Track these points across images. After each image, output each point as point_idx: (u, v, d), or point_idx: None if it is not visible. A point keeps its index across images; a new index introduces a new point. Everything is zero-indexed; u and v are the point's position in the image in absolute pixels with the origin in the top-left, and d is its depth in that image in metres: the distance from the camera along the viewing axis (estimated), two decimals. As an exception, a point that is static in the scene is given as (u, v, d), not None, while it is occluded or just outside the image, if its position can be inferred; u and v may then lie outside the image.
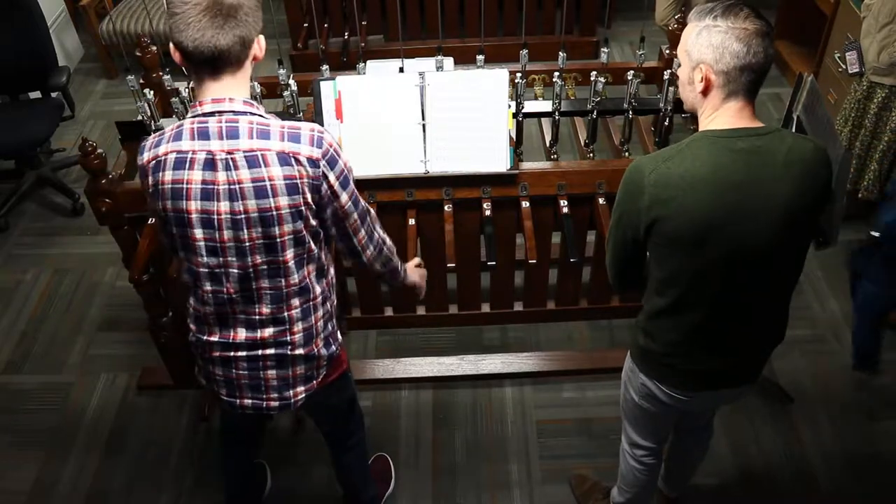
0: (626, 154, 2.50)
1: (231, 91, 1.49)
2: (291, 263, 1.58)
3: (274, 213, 1.50)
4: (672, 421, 1.97)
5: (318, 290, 1.67)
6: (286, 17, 4.41)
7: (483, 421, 2.65)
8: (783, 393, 2.65)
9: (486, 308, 2.77)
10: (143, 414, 2.72)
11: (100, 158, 2.16)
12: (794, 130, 2.02)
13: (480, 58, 2.34)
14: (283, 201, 1.49)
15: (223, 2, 1.40)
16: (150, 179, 1.52)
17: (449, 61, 2.46)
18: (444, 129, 2.21)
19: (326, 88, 2.17)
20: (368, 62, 2.57)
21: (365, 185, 2.27)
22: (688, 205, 1.45)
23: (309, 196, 1.51)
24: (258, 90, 2.36)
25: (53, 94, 3.51)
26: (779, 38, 4.28)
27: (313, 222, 1.56)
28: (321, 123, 2.18)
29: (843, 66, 3.16)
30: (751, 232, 1.46)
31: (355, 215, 1.64)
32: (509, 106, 2.23)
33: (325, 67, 2.36)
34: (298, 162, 1.48)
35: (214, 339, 1.67)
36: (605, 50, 2.43)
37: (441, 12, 3.63)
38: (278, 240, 1.53)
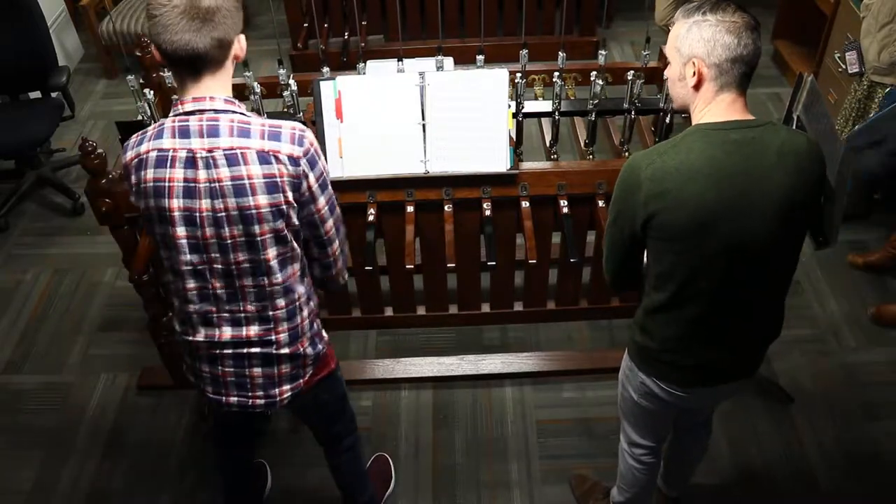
0: (626, 154, 2.50)
1: (212, 90, 1.49)
2: (274, 263, 1.57)
3: (253, 211, 1.50)
4: (671, 419, 1.98)
5: (301, 289, 1.67)
6: (286, 17, 4.41)
7: (483, 421, 2.64)
8: (783, 393, 2.65)
9: (486, 308, 2.77)
10: (143, 414, 2.72)
11: (100, 158, 2.16)
12: (793, 130, 2.01)
13: (480, 58, 2.34)
14: (263, 200, 1.49)
15: (200, 5, 1.39)
16: (133, 178, 1.53)
17: (449, 61, 2.46)
18: (444, 129, 2.21)
19: (326, 88, 2.17)
20: (368, 62, 2.57)
21: (365, 185, 2.27)
22: (683, 197, 1.46)
23: (290, 194, 1.51)
24: (258, 90, 2.36)
25: (53, 94, 3.51)
26: (779, 38, 4.28)
27: (295, 221, 1.56)
28: (321, 123, 2.19)
29: (843, 66, 3.16)
30: (746, 229, 1.47)
31: (331, 222, 1.63)
32: (509, 106, 2.23)
33: (325, 68, 2.36)
34: (278, 160, 1.48)
35: (200, 337, 1.67)
36: (603, 52, 2.42)
37: (441, 12, 3.63)
38: (258, 238, 1.53)
